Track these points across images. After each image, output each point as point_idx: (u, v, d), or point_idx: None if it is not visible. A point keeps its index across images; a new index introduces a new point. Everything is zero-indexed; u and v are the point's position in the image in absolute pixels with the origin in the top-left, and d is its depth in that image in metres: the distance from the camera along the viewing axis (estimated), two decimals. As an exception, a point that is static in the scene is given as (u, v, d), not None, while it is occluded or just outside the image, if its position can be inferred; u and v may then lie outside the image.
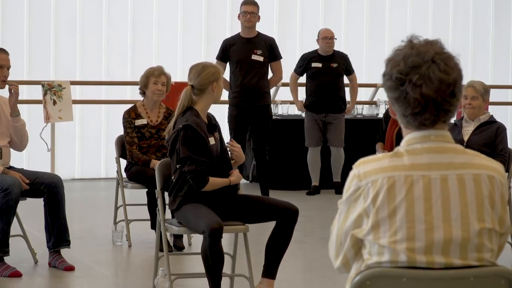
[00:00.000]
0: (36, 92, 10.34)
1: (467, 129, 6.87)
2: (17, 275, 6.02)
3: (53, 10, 11.46)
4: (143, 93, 7.08)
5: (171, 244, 6.82)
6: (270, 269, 5.34)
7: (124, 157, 7.17)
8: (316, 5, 12.70)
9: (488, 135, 6.79)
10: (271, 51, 9.17)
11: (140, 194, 7.41)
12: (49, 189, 6.14)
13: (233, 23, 11.31)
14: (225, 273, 5.20)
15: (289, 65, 10.11)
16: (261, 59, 9.11)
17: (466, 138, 6.79)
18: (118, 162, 7.27)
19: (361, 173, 2.57)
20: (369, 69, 12.70)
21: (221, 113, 8.77)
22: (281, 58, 9.25)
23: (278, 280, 5.39)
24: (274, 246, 5.31)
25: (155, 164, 6.02)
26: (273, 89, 10.07)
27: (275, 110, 10.71)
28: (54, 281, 6.06)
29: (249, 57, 9.08)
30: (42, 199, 6.19)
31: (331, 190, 10.19)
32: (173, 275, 5.41)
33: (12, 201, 5.93)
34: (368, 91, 12.27)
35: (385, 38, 13.01)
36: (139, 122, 7.03)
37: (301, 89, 10.34)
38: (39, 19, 11.42)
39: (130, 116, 7.05)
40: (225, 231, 5.03)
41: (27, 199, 6.31)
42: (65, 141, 11.25)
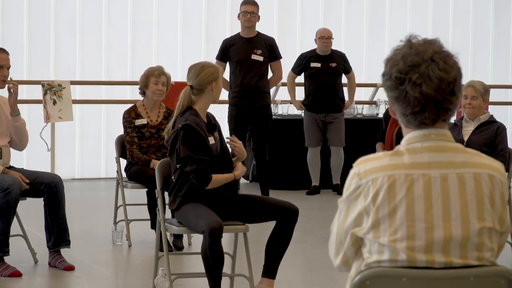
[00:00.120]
0: (36, 92, 10.34)
1: (467, 129, 6.87)
2: (17, 275, 6.02)
3: (53, 10, 11.46)
4: (143, 93, 7.08)
5: (171, 244, 6.82)
6: (270, 269, 5.34)
7: (124, 157, 7.17)
8: (316, 5, 12.70)
9: (488, 135, 6.78)
10: (271, 51, 9.17)
11: (140, 194, 7.41)
12: (49, 189, 6.14)
13: (233, 23, 11.31)
14: (225, 273, 5.20)
15: (289, 65, 10.11)
16: (261, 59, 9.11)
17: (466, 138, 6.79)
18: (118, 162, 7.27)
19: (362, 172, 2.57)
20: (369, 68, 12.69)
21: (221, 112, 8.77)
22: (281, 58, 9.25)
23: (278, 280, 5.39)
24: (274, 246, 5.30)
25: (155, 164, 6.02)
26: (273, 89, 10.06)
27: (275, 110, 10.71)
28: (54, 281, 6.06)
29: (249, 57, 9.08)
30: (42, 199, 6.19)
31: (331, 190, 10.18)
32: (173, 274, 5.41)
33: (12, 201, 5.93)
34: (368, 91, 12.27)
35: (385, 38, 13.00)
36: (139, 122, 7.03)
37: (299, 89, 10.33)
38: (39, 19, 11.42)
39: (130, 116, 7.05)
40: (225, 231, 5.03)
41: (27, 199, 6.31)
42: (65, 141, 11.25)
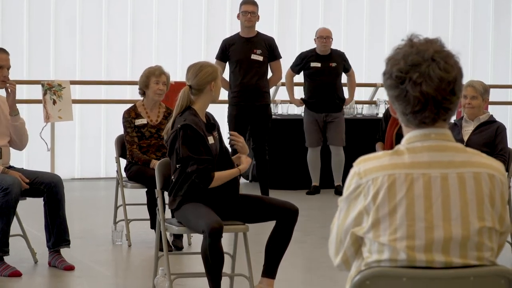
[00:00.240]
0: (36, 92, 10.34)
1: (467, 129, 6.87)
2: (17, 274, 6.02)
3: (53, 10, 11.45)
4: (143, 93, 7.08)
5: (170, 243, 6.82)
6: (270, 269, 5.34)
7: (124, 156, 7.17)
8: (315, 4, 12.70)
9: (488, 135, 6.78)
10: (271, 51, 9.17)
11: (140, 194, 7.40)
12: (49, 189, 6.14)
13: (233, 23, 11.30)
14: (225, 272, 5.20)
15: (288, 64, 10.10)
16: (260, 58, 9.10)
17: (466, 138, 6.78)
18: (118, 162, 7.27)
19: (362, 171, 2.57)
20: (369, 68, 12.69)
21: (220, 112, 8.78)
22: (280, 57, 9.25)
23: (278, 279, 5.39)
24: (274, 246, 5.30)
25: (155, 164, 6.02)
26: (272, 88, 10.06)
27: (274, 110, 10.71)
28: (54, 280, 6.06)
29: (248, 56, 9.07)
30: (42, 198, 6.19)
31: (331, 190, 10.16)
32: (173, 274, 5.41)
33: (12, 201, 5.92)
34: (368, 90, 12.26)
35: (384, 37, 13.00)
36: (139, 121, 7.03)
37: (299, 89, 10.32)
38: (39, 19, 11.41)
39: (130, 116, 7.05)
40: (225, 230, 5.03)
41: (27, 198, 6.31)
42: (65, 140, 11.24)
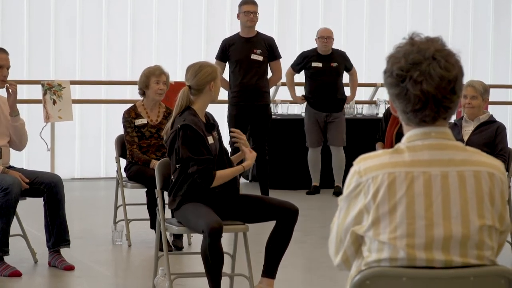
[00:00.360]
0: (36, 92, 10.34)
1: (467, 129, 6.86)
2: (17, 274, 6.02)
3: (53, 10, 11.45)
4: (143, 93, 7.07)
5: (170, 243, 6.82)
6: (270, 269, 5.34)
7: (124, 156, 7.17)
8: (315, 4, 12.69)
9: (488, 134, 6.78)
10: (271, 51, 9.17)
11: (139, 194, 7.40)
12: (49, 189, 6.14)
13: (233, 23, 11.30)
14: (225, 272, 5.20)
15: (288, 64, 10.09)
16: (260, 58, 9.10)
17: (466, 138, 6.78)
18: (118, 162, 7.27)
19: (362, 170, 2.57)
20: (368, 68, 12.69)
21: (220, 112, 8.78)
22: (280, 57, 9.24)
23: (278, 279, 5.39)
24: (274, 246, 5.30)
25: (155, 164, 6.01)
26: (272, 88, 10.05)
27: (274, 110, 10.70)
28: (54, 280, 6.06)
29: (248, 56, 9.07)
30: (42, 198, 6.19)
31: (331, 190, 10.15)
32: (173, 274, 5.41)
33: (12, 201, 5.92)
34: (368, 90, 12.26)
35: (384, 37, 12.99)
36: (139, 121, 7.03)
37: (299, 89, 10.30)
38: (39, 19, 11.41)
39: (130, 116, 7.05)
40: (225, 230, 5.03)
41: (27, 198, 6.30)
42: (65, 140, 11.24)
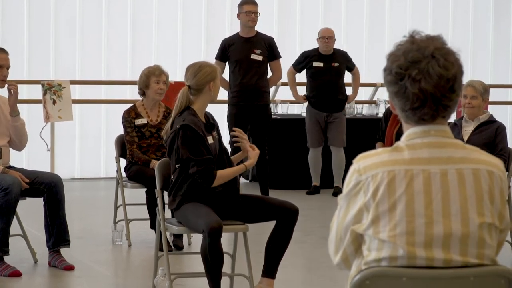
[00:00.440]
0: (36, 92, 10.34)
1: (467, 129, 6.86)
2: (17, 274, 6.02)
3: (53, 10, 11.45)
4: (142, 93, 7.07)
5: (171, 243, 6.82)
6: (270, 269, 5.34)
7: (124, 156, 7.17)
8: (315, 4, 12.69)
9: (488, 134, 6.78)
10: (270, 51, 9.17)
11: (139, 194, 7.40)
12: (49, 189, 6.14)
13: (233, 23, 11.30)
14: (225, 272, 5.20)
15: (288, 64, 10.09)
16: (260, 58, 9.10)
17: (466, 138, 6.78)
18: (118, 162, 7.27)
19: (361, 168, 2.57)
20: (368, 68, 12.68)
21: (220, 112, 8.77)
22: (280, 57, 9.24)
23: (278, 279, 5.39)
24: (274, 246, 5.30)
25: (155, 164, 6.02)
26: (272, 88, 10.06)
27: (274, 110, 10.70)
28: (54, 280, 6.06)
29: (248, 56, 9.07)
30: (42, 198, 6.19)
31: (331, 190, 10.16)
32: (173, 274, 5.41)
33: (12, 201, 5.93)
34: (368, 90, 12.26)
35: (384, 37, 12.99)
36: (139, 121, 7.03)
37: (300, 88, 10.30)
38: (39, 19, 11.41)
39: (130, 116, 7.05)
40: (225, 230, 5.03)
41: (27, 198, 6.31)
42: (65, 140, 11.24)
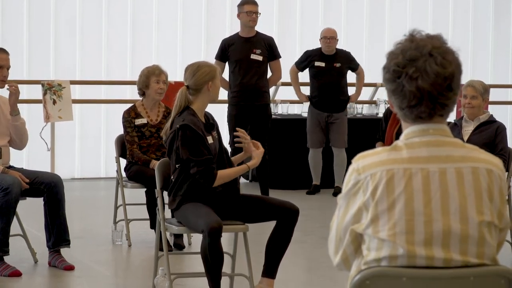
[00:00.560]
0: (36, 92, 10.34)
1: (467, 129, 6.87)
2: (17, 274, 6.02)
3: (53, 10, 11.45)
4: (142, 93, 7.07)
5: (171, 243, 6.82)
6: (270, 269, 5.34)
7: (124, 156, 7.17)
8: (315, 4, 12.69)
9: (488, 134, 6.78)
10: (270, 51, 9.17)
11: (139, 194, 7.40)
12: (49, 189, 6.14)
13: (233, 23, 11.29)
14: (225, 272, 5.20)
15: (288, 64, 10.08)
16: (260, 58, 9.10)
17: (466, 138, 6.78)
18: (118, 162, 7.27)
19: (360, 167, 2.57)
20: (369, 68, 12.62)
21: (220, 112, 8.77)
22: (280, 57, 9.25)
23: (278, 279, 5.39)
24: (274, 246, 5.30)
25: (155, 164, 6.02)
26: (272, 88, 10.05)
27: (274, 110, 10.70)
28: (54, 280, 6.06)
29: (248, 56, 9.07)
30: (42, 198, 6.19)
31: (331, 190, 10.15)
32: (173, 274, 5.41)
33: (12, 201, 5.93)
34: (368, 90, 12.24)
35: (384, 37, 12.99)
36: (139, 121, 7.03)
37: (304, 88, 10.28)
38: (39, 19, 11.41)
39: (130, 116, 7.05)
40: (225, 230, 5.03)
41: (27, 198, 6.31)
42: (65, 140, 11.24)
